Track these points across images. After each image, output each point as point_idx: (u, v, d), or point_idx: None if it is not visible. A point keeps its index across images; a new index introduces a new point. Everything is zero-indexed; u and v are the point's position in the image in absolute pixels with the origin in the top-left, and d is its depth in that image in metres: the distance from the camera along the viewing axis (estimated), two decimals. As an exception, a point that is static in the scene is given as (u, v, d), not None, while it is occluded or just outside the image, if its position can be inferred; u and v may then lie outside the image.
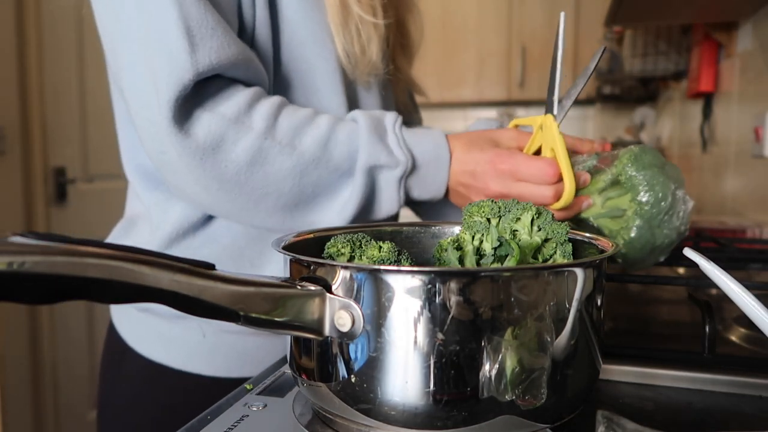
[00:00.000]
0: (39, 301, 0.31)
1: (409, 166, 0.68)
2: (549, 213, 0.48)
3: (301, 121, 0.66)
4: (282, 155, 0.64)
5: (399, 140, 0.68)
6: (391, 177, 0.68)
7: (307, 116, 0.67)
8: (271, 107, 0.65)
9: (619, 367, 0.52)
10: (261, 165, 0.64)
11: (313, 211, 0.68)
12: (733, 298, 0.46)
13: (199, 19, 0.62)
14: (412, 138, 0.69)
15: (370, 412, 0.39)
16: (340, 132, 0.67)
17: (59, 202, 2.13)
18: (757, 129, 1.42)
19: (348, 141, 0.66)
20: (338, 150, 0.66)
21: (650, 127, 2.97)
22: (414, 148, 0.69)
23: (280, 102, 0.67)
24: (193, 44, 0.61)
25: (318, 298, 0.39)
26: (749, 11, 1.56)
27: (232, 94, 0.64)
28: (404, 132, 0.70)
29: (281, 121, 0.65)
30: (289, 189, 0.65)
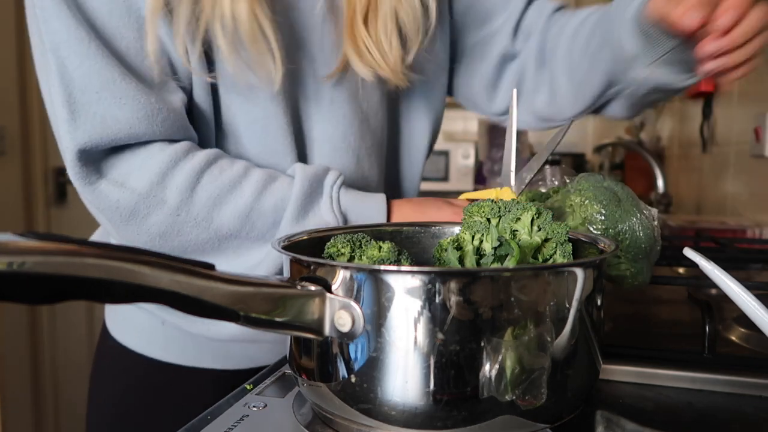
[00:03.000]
0: (39, 301, 0.31)
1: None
2: (549, 213, 0.48)
3: (223, 189, 0.62)
4: (197, 229, 0.62)
5: (332, 202, 0.64)
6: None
7: (233, 180, 0.62)
8: (190, 175, 0.61)
9: (619, 367, 0.52)
10: (175, 236, 0.62)
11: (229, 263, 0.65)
12: (733, 298, 0.46)
13: (82, 84, 0.58)
14: (350, 201, 0.65)
15: (370, 412, 0.39)
16: (266, 202, 0.63)
17: (59, 202, 2.13)
18: (757, 129, 1.42)
19: (273, 212, 0.63)
20: (261, 222, 0.63)
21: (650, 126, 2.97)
22: (348, 213, 0.65)
23: (205, 162, 0.62)
24: (72, 112, 0.58)
25: (318, 298, 0.39)
26: (749, 11, 1.56)
27: (144, 162, 0.61)
28: (342, 194, 0.65)
29: (200, 192, 0.61)
30: (209, 251, 0.64)
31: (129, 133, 0.60)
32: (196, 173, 0.62)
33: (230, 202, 0.62)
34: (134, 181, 0.60)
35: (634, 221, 0.58)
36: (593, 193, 0.60)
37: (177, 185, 0.61)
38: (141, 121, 0.60)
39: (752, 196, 1.54)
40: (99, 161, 0.61)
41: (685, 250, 0.49)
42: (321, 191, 0.64)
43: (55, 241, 0.31)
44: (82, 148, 0.58)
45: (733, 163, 1.70)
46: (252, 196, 0.62)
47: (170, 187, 0.61)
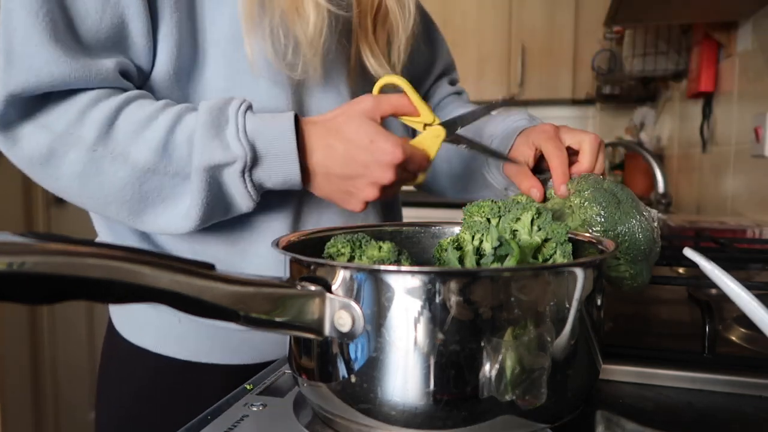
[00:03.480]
0: (39, 301, 0.31)
1: (248, 160, 0.62)
2: (549, 213, 0.48)
3: (139, 124, 0.62)
4: (114, 165, 0.61)
5: (239, 130, 0.62)
6: (232, 172, 0.62)
7: (148, 116, 0.63)
8: (108, 111, 0.62)
9: (619, 367, 0.52)
10: (95, 176, 0.62)
11: (161, 215, 0.65)
12: (733, 298, 0.46)
13: (24, 35, 0.59)
14: (255, 126, 0.63)
15: (370, 412, 0.39)
16: (179, 133, 0.63)
17: (59, 202, 2.13)
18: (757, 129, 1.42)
19: (187, 142, 0.62)
20: (177, 153, 0.62)
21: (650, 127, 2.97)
22: (256, 139, 0.63)
23: (124, 100, 0.63)
24: (9, 61, 0.60)
25: (318, 298, 0.39)
26: (749, 11, 1.56)
27: (66, 104, 0.62)
28: (248, 119, 0.63)
29: (118, 127, 0.62)
30: (130, 197, 0.63)
31: (63, 84, 0.61)
32: (114, 110, 0.62)
33: (146, 137, 0.62)
34: (54, 122, 0.61)
35: (634, 223, 0.58)
36: (593, 195, 0.60)
37: (94, 121, 0.61)
38: (76, 79, 0.61)
39: (752, 196, 1.54)
40: (26, 107, 0.62)
41: (685, 250, 0.49)
42: (226, 118, 0.63)
43: (55, 241, 0.31)
44: (12, 94, 0.60)
45: (733, 163, 1.70)
46: (166, 130, 0.62)
47: (87, 124, 0.61)
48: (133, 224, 0.67)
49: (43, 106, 0.62)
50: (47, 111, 0.62)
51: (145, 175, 0.62)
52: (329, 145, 0.64)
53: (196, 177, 0.62)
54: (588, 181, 0.62)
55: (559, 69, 3.23)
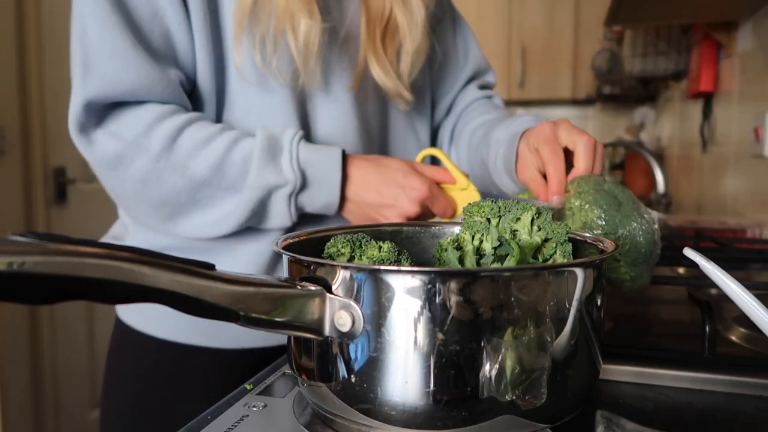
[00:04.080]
0: (39, 301, 0.31)
1: (298, 185, 0.70)
2: (549, 213, 0.48)
3: (199, 142, 0.69)
4: (174, 176, 0.69)
5: (292, 158, 0.70)
6: (281, 194, 0.70)
7: (209, 136, 0.70)
8: (173, 128, 0.69)
9: (619, 367, 0.52)
10: (155, 183, 0.69)
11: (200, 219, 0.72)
12: (733, 298, 0.46)
13: (97, 46, 0.67)
14: (307, 155, 0.71)
15: (370, 412, 0.39)
16: (236, 154, 0.69)
17: (59, 202, 2.13)
18: (757, 129, 1.42)
19: (243, 162, 0.69)
20: (231, 171, 0.69)
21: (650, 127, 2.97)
22: (306, 167, 0.70)
23: (186, 120, 0.70)
24: (85, 71, 0.67)
25: (318, 298, 0.39)
26: (749, 11, 1.56)
27: (136, 116, 0.69)
28: (301, 148, 0.71)
29: (180, 143, 0.69)
30: (185, 201, 0.70)
31: (131, 93, 0.68)
32: (178, 128, 0.69)
33: (205, 154, 0.69)
34: (124, 132, 0.69)
35: (635, 226, 0.58)
36: (593, 198, 0.59)
37: (160, 136, 0.68)
38: (143, 86, 0.68)
39: (752, 196, 1.54)
40: (100, 114, 0.69)
41: (685, 250, 0.49)
42: (281, 147, 0.70)
43: (55, 241, 0.31)
44: (89, 101, 0.67)
45: (733, 163, 1.70)
46: (224, 150, 0.69)
47: (154, 138, 0.68)
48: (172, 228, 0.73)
49: (115, 116, 0.69)
50: (118, 121, 0.69)
51: (200, 187, 0.70)
52: (367, 178, 0.72)
53: (247, 192, 0.69)
54: (589, 182, 0.62)
55: (559, 69, 3.23)
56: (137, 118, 0.69)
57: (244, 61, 0.73)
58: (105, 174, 0.71)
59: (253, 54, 0.72)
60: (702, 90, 1.90)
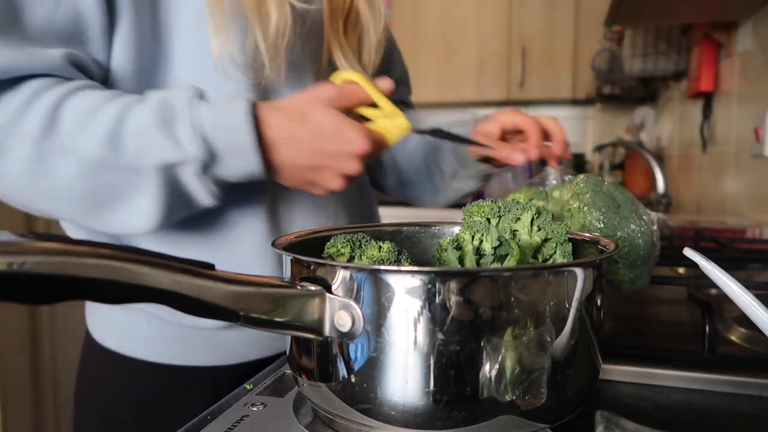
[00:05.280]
0: (39, 301, 0.31)
1: (205, 158, 0.58)
2: (549, 213, 0.48)
3: (84, 115, 0.58)
4: (62, 159, 0.57)
5: (191, 126, 0.58)
6: (188, 172, 0.59)
7: (94, 106, 0.58)
8: (51, 102, 0.58)
9: (619, 367, 0.52)
10: (42, 172, 0.57)
11: (116, 214, 0.61)
12: (733, 298, 0.46)
13: None
14: (209, 119, 0.59)
15: (370, 412, 0.39)
16: (128, 124, 0.58)
17: (59, 202, 2.13)
18: (757, 129, 1.42)
19: (138, 135, 0.58)
20: (128, 147, 0.58)
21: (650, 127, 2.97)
22: (210, 134, 0.59)
23: (68, 90, 0.59)
24: None
25: (318, 298, 0.39)
26: (749, 11, 1.56)
27: (10, 94, 0.58)
28: (201, 112, 0.59)
29: (63, 119, 0.58)
30: (79, 194, 0.59)
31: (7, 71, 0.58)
32: (58, 100, 0.58)
33: (93, 127, 0.58)
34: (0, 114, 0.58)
35: (633, 228, 0.58)
36: (592, 199, 0.59)
37: (37, 113, 0.57)
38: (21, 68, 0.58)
39: (752, 196, 1.54)
40: None
41: (685, 250, 0.49)
42: (174, 111, 0.59)
43: (55, 241, 0.31)
44: None
45: (733, 163, 1.70)
46: (113, 120, 0.58)
47: (30, 115, 0.57)
48: (89, 224, 0.64)
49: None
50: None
51: (96, 169, 0.58)
52: (294, 137, 0.61)
53: (149, 176, 0.58)
54: (587, 183, 0.62)
55: (559, 69, 3.23)
56: (11, 97, 0.58)
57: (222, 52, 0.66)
58: None
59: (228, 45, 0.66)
60: (702, 90, 1.90)
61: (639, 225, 0.58)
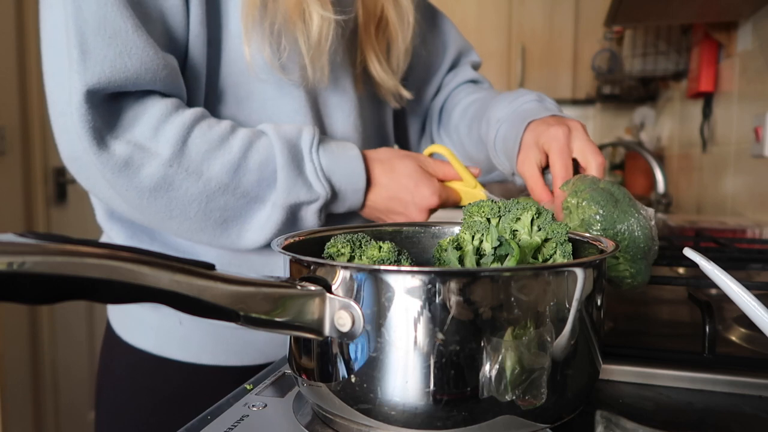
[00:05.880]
0: (39, 301, 0.31)
1: (328, 198, 0.68)
2: (549, 213, 0.48)
3: (212, 143, 0.64)
4: (188, 182, 0.63)
5: (317, 169, 0.67)
6: (312, 209, 0.69)
7: (221, 137, 0.65)
8: (181, 128, 0.63)
9: (619, 367, 0.52)
10: (165, 191, 0.63)
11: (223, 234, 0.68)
12: (733, 298, 0.46)
13: (96, 27, 0.59)
14: (330, 164, 0.69)
15: (370, 412, 0.39)
16: (252, 158, 0.65)
17: (59, 202, 2.13)
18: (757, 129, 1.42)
19: (259, 168, 0.66)
20: (248, 177, 0.65)
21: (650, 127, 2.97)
22: (332, 177, 0.69)
23: (193, 119, 0.65)
24: (83, 53, 0.59)
25: (318, 298, 0.39)
26: (749, 11, 1.56)
27: (141, 114, 0.63)
28: (321, 156, 0.68)
29: (191, 145, 0.64)
30: (194, 214, 0.65)
31: (135, 82, 0.61)
32: (186, 127, 0.64)
33: (220, 156, 0.64)
34: (132, 134, 0.62)
35: (632, 221, 0.58)
36: (590, 195, 0.60)
37: (169, 138, 0.63)
38: (147, 73, 0.62)
39: (752, 196, 1.54)
40: (105, 111, 0.62)
41: (685, 250, 0.49)
42: (302, 155, 0.68)
43: (55, 241, 0.31)
44: (91, 89, 0.59)
45: (733, 163, 1.70)
46: (240, 152, 0.65)
47: (162, 140, 0.63)
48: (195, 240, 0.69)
49: (120, 115, 0.63)
50: (123, 121, 0.63)
51: (215, 194, 0.65)
52: (382, 184, 0.71)
53: (277, 210, 0.67)
54: (585, 181, 0.62)
55: (559, 69, 3.23)
56: (141, 117, 0.63)
57: (254, 56, 0.69)
58: (115, 180, 0.62)
59: (262, 49, 0.69)
60: (702, 90, 1.90)
61: (638, 219, 0.59)
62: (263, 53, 0.69)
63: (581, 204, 0.59)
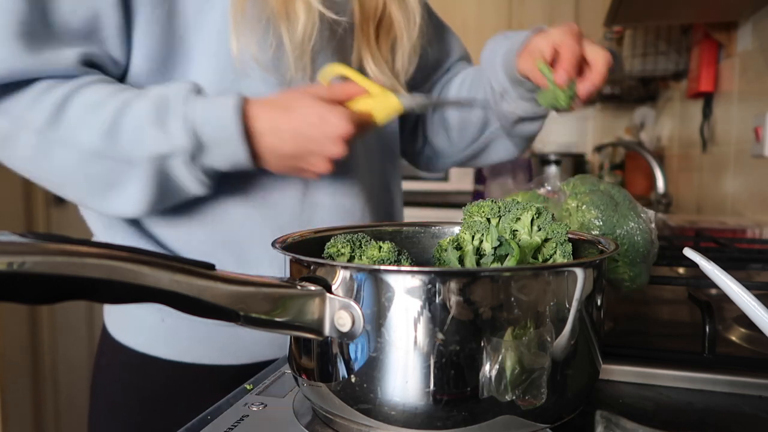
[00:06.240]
0: (39, 301, 0.31)
1: (192, 148, 0.62)
2: (549, 213, 0.48)
3: (88, 108, 0.62)
4: (63, 149, 0.62)
5: (182, 119, 0.62)
6: (177, 163, 0.63)
7: (99, 101, 0.63)
8: (59, 97, 0.62)
9: (619, 367, 0.52)
10: (44, 160, 0.63)
11: (112, 199, 0.65)
12: (733, 298, 0.46)
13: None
14: (197, 112, 0.63)
15: (370, 412, 0.39)
16: (127, 118, 0.62)
17: (59, 202, 2.13)
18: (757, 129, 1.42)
19: (134, 128, 0.62)
20: (124, 139, 0.62)
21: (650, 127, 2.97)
22: (195, 124, 0.62)
23: (78, 84, 0.63)
24: None
25: (318, 298, 0.39)
26: (749, 11, 1.56)
27: (24, 90, 0.62)
28: (192, 105, 0.63)
29: (69, 111, 0.62)
30: (79, 180, 0.64)
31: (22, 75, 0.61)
32: (66, 94, 0.62)
33: (93, 120, 0.62)
34: (10, 106, 0.62)
35: (632, 225, 0.58)
36: (590, 198, 0.59)
37: (45, 106, 0.62)
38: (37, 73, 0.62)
39: (752, 196, 1.54)
40: None
41: (685, 250, 0.49)
42: (167, 104, 0.63)
43: (55, 241, 0.31)
44: None
45: (733, 163, 1.70)
46: (114, 114, 0.62)
47: (38, 108, 0.62)
48: (88, 207, 0.69)
49: (4, 93, 0.62)
50: (6, 97, 0.62)
51: (91, 159, 0.62)
52: (277, 126, 0.65)
53: (141, 166, 0.63)
54: (585, 183, 0.62)
55: (559, 69, 3.23)
56: (25, 92, 0.62)
57: (242, 51, 0.68)
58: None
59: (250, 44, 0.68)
60: (702, 90, 1.90)
61: (637, 222, 0.59)
62: (250, 48, 0.68)
63: (581, 207, 0.59)
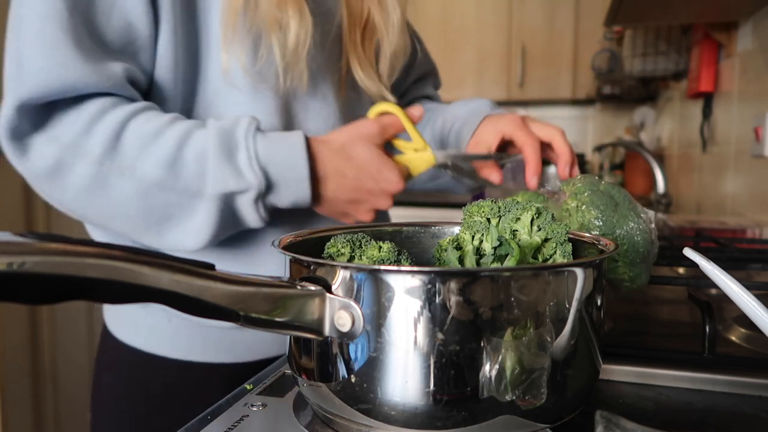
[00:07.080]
0: (39, 301, 0.31)
1: (262, 188, 0.64)
2: (549, 213, 0.48)
3: (146, 138, 0.62)
4: (122, 179, 0.61)
5: (251, 157, 0.63)
6: (245, 200, 0.64)
7: (156, 130, 0.62)
8: (114, 125, 0.61)
9: (619, 367, 0.52)
10: (101, 190, 0.61)
11: (169, 232, 0.65)
12: (733, 298, 0.46)
13: (34, 40, 0.58)
14: (267, 151, 0.64)
15: (370, 412, 0.39)
16: (189, 150, 0.62)
17: (59, 202, 2.13)
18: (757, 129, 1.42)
19: (196, 160, 0.62)
20: (186, 171, 0.62)
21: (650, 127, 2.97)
22: (268, 165, 0.64)
23: (130, 113, 0.63)
24: (19, 66, 0.59)
25: (318, 298, 0.39)
26: (749, 11, 1.56)
27: (74, 114, 0.61)
28: (258, 143, 0.64)
29: (125, 141, 0.61)
30: (134, 212, 0.63)
31: (70, 89, 0.60)
32: (121, 122, 0.62)
33: (154, 151, 0.61)
34: (62, 133, 0.61)
35: (632, 226, 0.58)
36: (590, 198, 0.59)
37: (101, 134, 0.61)
38: (86, 86, 0.61)
39: (752, 196, 1.54)
40: (35, 117, 0.61)
41: (685, 250, 0.49)
42: (236, 142, 0.63)
43: (55, 241, 0.31)
44: (22, 101, 0.59)
45: (733, 163, 1.70)
46: (174, 145, 0.62)
47: (94, 136, 0.61)
48: (140, 240, 0.67)
49: (52, 117, 0.61)
50: (55, 121, 0.61)
51: (152, 190, 0.62)
52: (341, 173, 0.67)
53: (209, 202, 0.63)
54: (585, 182, 0.62)
55: (559, 69, 3.23)
56: (76, 117, 0.61)
57: (231, 63, 0.68)
58: (44, 184, 0.62)
59: (239, 57, 0.68)
60: (702, 90, 1.90)
61: (637, 223, 0.58)
62: (239, 61, 0.68)
63: (580, 208, 0.59)
